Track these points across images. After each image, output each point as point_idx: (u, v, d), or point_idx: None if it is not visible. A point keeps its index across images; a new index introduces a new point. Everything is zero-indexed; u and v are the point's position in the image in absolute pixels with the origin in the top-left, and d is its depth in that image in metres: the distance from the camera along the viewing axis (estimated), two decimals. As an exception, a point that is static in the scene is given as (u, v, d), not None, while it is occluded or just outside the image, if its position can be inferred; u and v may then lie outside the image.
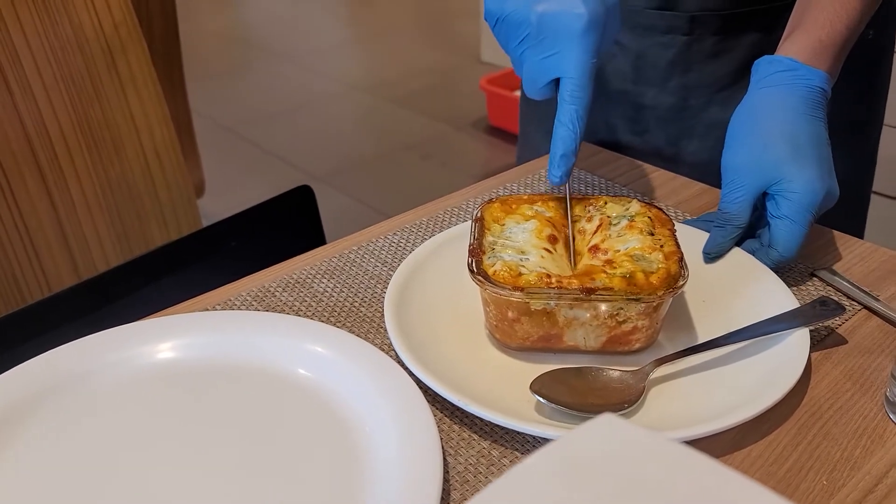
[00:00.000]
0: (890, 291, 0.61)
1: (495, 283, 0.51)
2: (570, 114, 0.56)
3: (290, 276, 0.65)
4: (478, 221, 0.58)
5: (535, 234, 0.56)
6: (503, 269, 0.51)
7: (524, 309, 0.52)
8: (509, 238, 0.55)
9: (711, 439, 0.48)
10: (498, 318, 0.53)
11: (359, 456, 0.46)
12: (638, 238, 0.55)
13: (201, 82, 3.33)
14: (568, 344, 0.54)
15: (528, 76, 0.57)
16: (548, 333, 0.53)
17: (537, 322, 0.52)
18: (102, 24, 0.96)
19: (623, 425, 0.28)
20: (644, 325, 0.52)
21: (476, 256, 0.53)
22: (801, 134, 0.60)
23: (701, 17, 0.78)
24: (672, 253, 0.53)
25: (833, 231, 0.69)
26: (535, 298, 0.51)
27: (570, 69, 0.55)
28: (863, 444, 0.48)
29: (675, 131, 0.84)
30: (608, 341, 0.53)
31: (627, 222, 0.56)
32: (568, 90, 0.56)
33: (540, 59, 0.56)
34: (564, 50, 0.55)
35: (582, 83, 0.55)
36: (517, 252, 0.54)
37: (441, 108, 3.11)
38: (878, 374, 0.53)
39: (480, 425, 0.50)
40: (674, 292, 0.51)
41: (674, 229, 0.56)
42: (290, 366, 0.52)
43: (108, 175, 1.00)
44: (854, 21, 0.64)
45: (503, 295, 0.51)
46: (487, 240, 0.56)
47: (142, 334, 0.53)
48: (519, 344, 0.54)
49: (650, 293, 0.50)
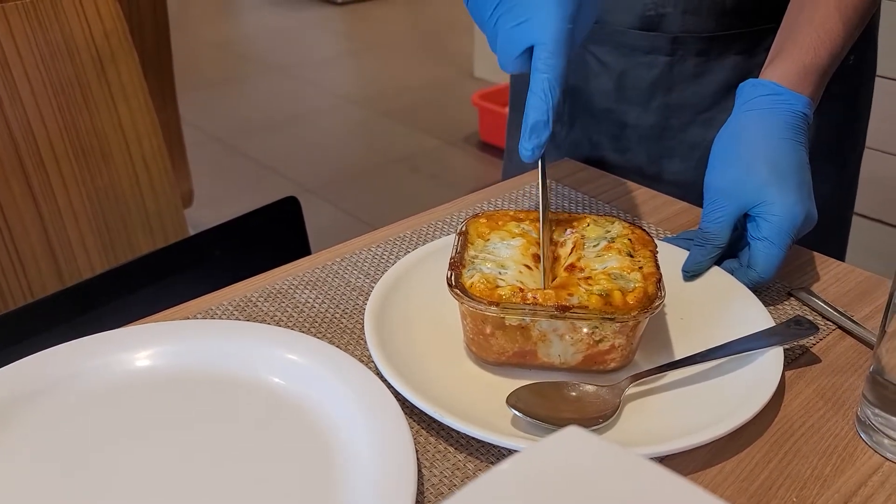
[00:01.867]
0: (864, 312, 0.62)
1: (472, 297, 0.51)
2: (542, 83, 0.53)
3: (272, 287, 0.65)
4: (461, 235, 0.58)
5: (520, 251, 0.56)
6: (480, 282, 0.52)
7: (499, 324, 0.52)
8: (492, 253, 0.56)
9: (685, 455, 0.49)
10: (474, 332, 0.54)
11: (332, 465, 0.46)
12: (616, 258, 0.55)
13: (195, 93, 3.33)
14: (543, 360, 0.54)
15: (502, 47, 0.55)
16: (523, 349, 0.53)
17: (512, 337, 0.52)
18: (93, 32, 0.96)
19: (588, 438, 0.28)
20: (620, 345, 0.53)
21: (456, 270, 0.54)
22: (783, 158, 0.61)
23: (683, 39, 0.79)
24: (651, 274, 0.54)
25: (811, 252, 0.70)
26: (510, 314, 0.51)
27: (543, 35, 0.53)
28: (833, 462, 0.48)
29: (658, 150, 0.85)
30: (584, 360, 0.53)
31: (606, 243, 0.57)
32: (541, 58, 0.53)
33: (512, 26, 0.54)
34: (537, 16, 0.53)
35: (555, 50, 0.53)
36: (497, 265, 0.54)
37: (433, 123, 3.12)
38: (850, 393, 0.54)
39: (457, 438, 0.50)
40: (649, 313, 0.51)
41: (655, 250, 0.57)
42: (265, 374, 0.53)
43: (94, 183, 1.00)
44: (837, 47, 0.65)
45: (479, 309, 0.51)
46: (469, 254, 0.56)
47: (118, 342, 0.54)
48: (495, 359, 0.54)
49: (625, 313, 0.51)
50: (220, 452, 0.48)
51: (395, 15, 4.51)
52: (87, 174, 0.99)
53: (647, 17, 0.80)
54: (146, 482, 0.46)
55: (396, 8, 4.60)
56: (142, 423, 0.50)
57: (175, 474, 0.46)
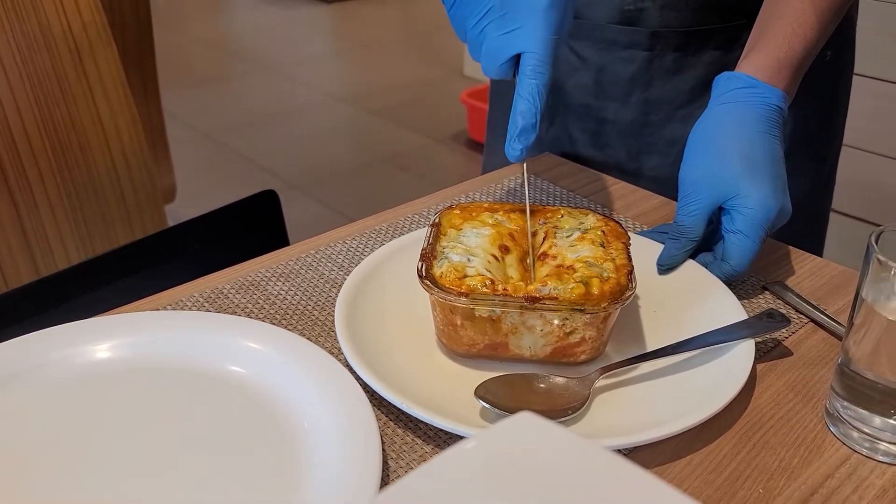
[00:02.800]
0: (837, 305, 0.62)
1: (442, 287, 0.51)
2: (531, 88, 0.55)
3: (244, 279, 0.64)
4: (434, 227, 0.58)
5: (488, 240, 0.55)
6: (449, 270, 0.51)
7: (469, 315, 0.52)
8: (461, 242, 0.55)
9: (654, 447, 0.48)
10: (445, 324, 0.53)
11: (297, 455, 0.46)
12: (589, 248, 0.55)
13: (184, 89, 3.32)
14: (514, 352, 0.54)
15: (489, 53, 0.57)
16: (493, 341, 0.53)
17: (481, 329, 0.52)
18: (71, 24, 0.96)
19: (539, 423, 0.28)
20: (590, 337, 0.52)
21: (426, 261, 0.53)
22: (757, 151, 0.61)
23: (661, 34, 0.79)
24: (622, 266, 0.53)
25: (787, 246, 0.70)
26: (479, 305, 0.51)
27: (533, 44, 0.55)
28: (801, 454, 0.48)
29: (637, 146, 0.85)
30: (554, 351, 0.53)
31: (579, 234, 0.56)
32: (530, 65, 0.55)
33: (501, 34, 0.55)
34: (527, 25, 0.54)
35: (544, 58, 0.55)
36: (465, 252, 0.54)
37: (422, 121, 3.12)
38: (820, 385, 0.54)
39: (424, 429, 0.50)
40: (620, 304, 0.51)
41: (628, 243, 0.56)
42: (230, 365, 0.52)
43: (72, 177, 0.99)
44: (811, 41, 0.65)
45: (449, 300, 0.51)
46: (441, 244, 0.56)
47: (83, 333, 0.53)
48: (465, 350, 0.54)
49: (595, 304, 0.50)
50: (182, 443, 0.47)
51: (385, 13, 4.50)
52: (64, 168, 0.98)
53: (626, 11, 0.79)
54: (110, 472, 0.45)
55: (386, 6, 4.60)
56: (105, 414, 0.49)
57: (139, 464, 0.46)
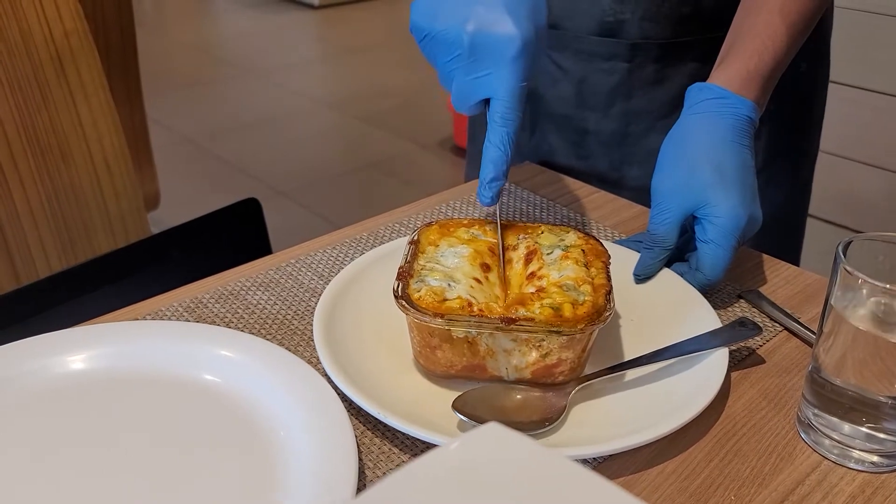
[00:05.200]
0: (811, 314, 0.63)
1: (418, 308, 0.50)
2: (502, 136, 0.56)
3: (224, 288, 0.64)
4: (413, 244, 0.57)
5: (468, 261, 0.55)
6: (428, 295, 0.51)
7: (446, 336, 0.51)
8: (439, 262, 0.55)
9: (628, 456, 0.49)
10: (422, 345, 0.53)
11: (273, 463, 0.46)
12: (573, 268, 0.54)
13: (170, 95, 3.31)
14: (492, 374, 0.53)
15: (458, 94, 0.57)
16: (471, 363, 0.52)
17: (459, 351, 0.51)
18: (52, 31, 0.95)
19: (506, 434, 0.29)
20: (568, 358, 0.51)
21: (403, 280, 0.53)
22: (727, 160, 0.62)
23: (642, 46, 0.80)
24: (601, 286, 0.53)
25: (762, 254, 0.71)
26: (455, 326, 0.50)
27: (502, 91, 0.55)
28: (772, 461, 0.49)
29: (618, 157, 0.85)
30: (533, 374, 0.52)
31: (562, 252, 0.56)
32: (499, 112, 0.56)
33: (471, 78, 0.56)
34: (496, 72, 0.55)
35: (513, 105, 0.56)
36: (445, 277, 0.53)
37: (408, 127, 3.13)
38: (793, 393, 0.54)
39: (402, 439, 0.50)
40: (597, 326, 0.50)
41: (608, 261, 0.56)
42: (206, 374, 0.52)
43: (54, 183, 0.99)
44: (781, 53, 0.66)
45: (424, 321, 0.50)
46: (419, 263, 0.55)
47: (58, 344, 0.53)
48: (444, 371, 0.53)
49: (572, 326, 0.50)
50: (157, 453, 0.47)
51: (372, 19, 4.51)
52: (45, 173, 0.98)
53: (606, 23, 0.80)
54: (85, 482, 0.45)
55: (373, 12, 4.61)
56: (79, 425, 0.49)
57: (113, 474, 0.46)
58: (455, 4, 0.56)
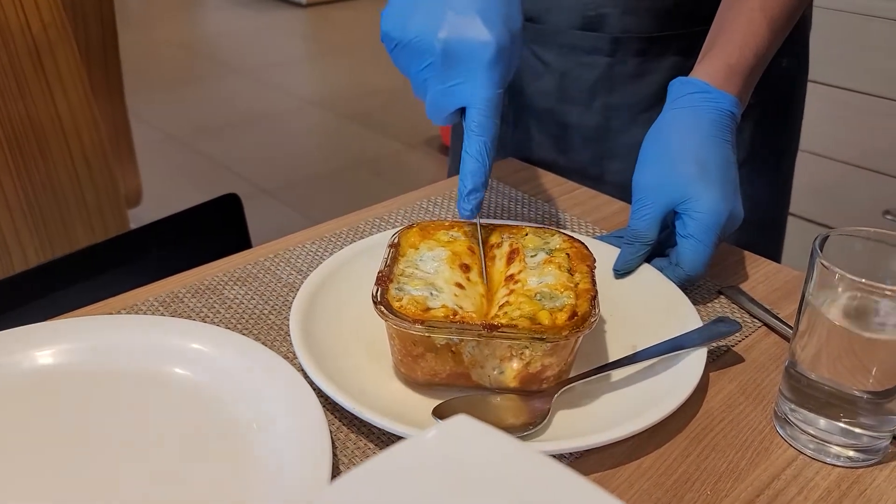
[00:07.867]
0: (790, 310, 0.63)
1: (397, 314, 0.49)
2: (479, 146, 0.54)
3: (200, 283, 0.64)
4: (393, 247, 0.56)
5: (447, 264, 0.54)
6: (409, 304, 0.50)
7: (428, 344, 0.50)
8: (418, 267, 0.54)
9: (606, 450, 0.49)
10: (403, 353, 0.51)
11: (247, 457, 0.45)
12: (554, 274, 0.53)
13: (155, 93, 3.28)
14: (475, 382, 0.52)
15: (432, 104, 0.56)
16: (454, 371, 0.51)
17: (443, 359, 0.50)
18: (30, 23, 0.94)
19: (475, 426, 0.28)
20: (552, 363, 0.50)
21: (382, 285, 0.51)
22: (709, 155, 0.62)
23: (623, 39, 0.80)
24: (586, 291, 0.52)
25: (743, 251, 0.71)
26: (436, 333, 0.49)
27: (478, 99, 0.53)
28: (749, 456, 0.49)
29: (600, 151, 0.85)
30: (517, 381, 0.51)
31: (546, 256, 0.55)
32: (476, 121, 0.54)
33: (445, 87, 0.54)
34: (471, 80, 0.53)
35: (490, 113, 0.54)
36: (426, 285, 0.52)
37: (395, 126, 3.12)
38: (770, 388, 0.54)
39: (378, 435, 0.50)
40: (581, 332, 0.49)
41: (593, 265, 0.55)
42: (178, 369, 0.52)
43: (31, 176, 0.98)
44: (762, 48, 0.66)
45: (403, 327, 0.49)
46: (399, 267, 0.54)
47: (27, 338, 0.52)
48: (426, 380, 0.52)
49: (555, 332, 0.49)
50: (129, 447, 0.46)
51: (360, 17, 4.50)
52: (22, 167, 0.96)
53: (588, 17, 0.80)
54: (56, 476, 0.44)
55: (361, 10, 4.59)
56: (50, 419, 0.48)
57: (85, 468, 0.45)
58: (426, 11, 0.54)
